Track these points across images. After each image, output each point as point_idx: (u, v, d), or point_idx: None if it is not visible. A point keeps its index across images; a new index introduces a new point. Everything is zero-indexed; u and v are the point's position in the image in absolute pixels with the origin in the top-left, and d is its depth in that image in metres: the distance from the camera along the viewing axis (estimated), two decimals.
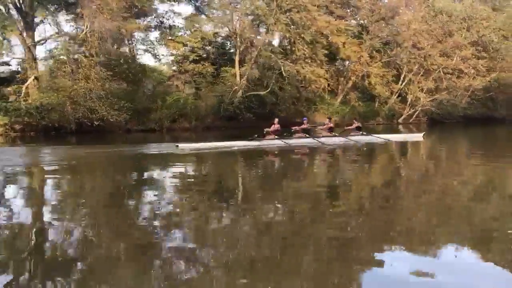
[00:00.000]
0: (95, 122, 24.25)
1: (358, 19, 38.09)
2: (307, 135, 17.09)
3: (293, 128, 17.50)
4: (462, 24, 39.80)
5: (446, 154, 15.44)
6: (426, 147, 17.52)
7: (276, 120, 17.25)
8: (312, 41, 31.02)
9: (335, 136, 17.54)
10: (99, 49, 26.06)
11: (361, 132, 18.00)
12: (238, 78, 31.15)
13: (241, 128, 29.22)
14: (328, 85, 36.72)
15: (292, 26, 29.09)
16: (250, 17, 30.13)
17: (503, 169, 10.75)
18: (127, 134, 27.14)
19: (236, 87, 30.82)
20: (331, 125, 18.11)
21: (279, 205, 6.73)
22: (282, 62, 29.25)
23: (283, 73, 29.20)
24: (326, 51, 33.32)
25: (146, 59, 34.02)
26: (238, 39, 30.48)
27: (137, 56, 33.65)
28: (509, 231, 5.14)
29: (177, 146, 14.91)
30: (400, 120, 40.46)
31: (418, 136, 19.83)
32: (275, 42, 32.99)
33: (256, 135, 16.49)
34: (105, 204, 7.25)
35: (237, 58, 30.94)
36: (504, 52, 41.03)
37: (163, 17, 33.87)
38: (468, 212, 6.34)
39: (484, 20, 42.16)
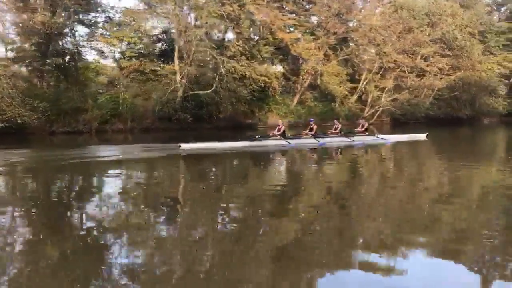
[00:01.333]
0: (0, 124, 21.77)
1: (311, 15, 35.78)
2: (315, 135, 17.49)
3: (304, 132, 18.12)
4: (424, 20, 37.93)
5: (403, 157, 15.35)
6: (388, 150, 17.09)
7: (281, 121, 17.81)
8: (251, 37, 28.79)
9: (339, 136, 18.19)
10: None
11: (367, 133, 18.91)
12: (178, 76, 28.88)
13: (182, 130, 27.29)
14: (284, 84, 34.69)
15: (226, 20, 26.83)
16: (186, 9, 27.78)
17: (469, 170, 10.97)
18: (51, 137, 24.95)
19: (176, 86, 28.58)
20: (339, 126, 19.01)
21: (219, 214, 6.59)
22: (220, 58, 26.97)
23: (221, 70, 26.92)
24: (272, 48, 31.04)
25: (92, 56, 31.04)
26: (176, 33, 28.21)
27: (83, 53, 30.95)
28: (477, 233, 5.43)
29: (180, 146, 15.04)
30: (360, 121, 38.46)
31: (421, 136, 20.03)
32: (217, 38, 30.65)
33: (258, 136, 17.08)
34: None
35: (176, 55, 28.62)
36: (469, 49, 39.22)
37: (108, 11, 31.31)
38: (431, 215, 6.34)
39: (449, 17, 40.45)
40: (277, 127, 17.58)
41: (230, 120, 31.52)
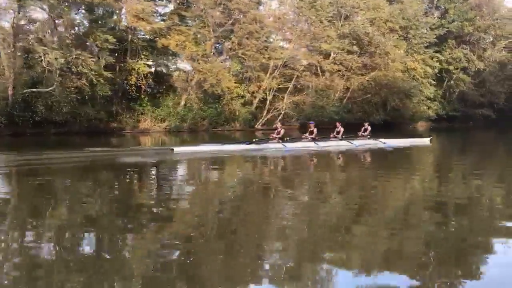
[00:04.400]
0: None
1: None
2: (314, 138, 16.96)
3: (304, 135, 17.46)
4: (329, 13, 33.60)
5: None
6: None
7: (279, 124, 17.12)
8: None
9: (340, 139, 17.52)
10: None
11: (368, 136, 18.23)
12: (7, 71, 23.91)
13: (18, 136, 22.71)
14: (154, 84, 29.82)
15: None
16: None
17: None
18: None
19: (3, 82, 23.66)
20: (341, 129, 18.00)
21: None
22: (44, 48, 22.07)
23: (43, 63, 22.00)
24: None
25: None
26: None
27: None
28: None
29: (172, 149, 14.48)
30: (258, 126, 33.93)
31: (425, 141, 19.43)
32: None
33: (256, 139, 16.74)
34: None
35: None
36: (383, 46, 34.91)
37: None
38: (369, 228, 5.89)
39: (371, 10, 36.30)
40: (276, 130, 16.76)
41: (87, 124, 26.76)
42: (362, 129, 18.81)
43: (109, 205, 7.64)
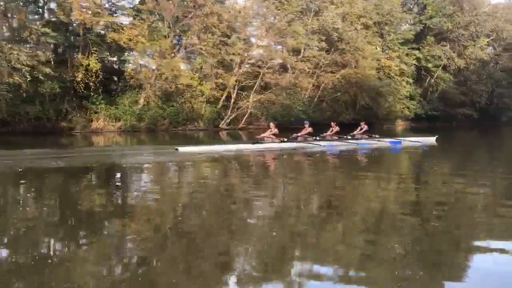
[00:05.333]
0: None
1: None
2: (316, 138, 16.70)
3: (295, 134, 17.16)
4: (296, 7, 32.09)
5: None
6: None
7: (272, 124, 16.82)
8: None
9: (339, 139, 17.07)
10: None
11: (373, 135, 17.76)
12: None
13: None
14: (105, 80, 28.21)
15: None
16: None
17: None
18: None
19: None
20: (336, 129, 17.87)
21: None
22: None
23: None
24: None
25: None
26: None
27: None
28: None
29: (177, 149, 14.05)
30: (223, 125, 32.44)
31: (431, 140, 18.21)
32: None
33: (261, 139, 16.34)
34: None
35: None
36: (353, 43, 33.43)
37: None
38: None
39: (336, 6, 34.82)
40: (269, 129, 16.62)
41: (30, 123, 25.35)
42: (358, 128, 18.30)
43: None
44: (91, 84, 26.20)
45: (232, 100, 31.85)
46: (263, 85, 32.02)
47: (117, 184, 9.69)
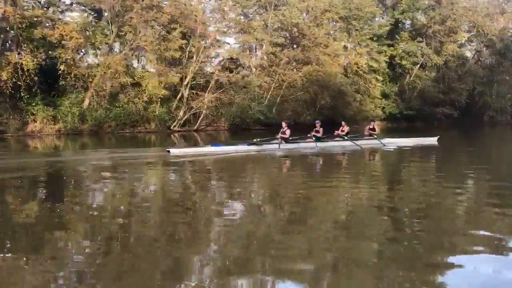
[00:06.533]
0: None
1: None
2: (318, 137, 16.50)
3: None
4: (251, 2, 30.15)
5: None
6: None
7: (284, 124, 16.29)
8: None
9: (342, 140, 16.94)
10: None
11: (374, 136, 17.60)
12: None
13: None
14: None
15: None
16: None
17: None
18: None
19: None
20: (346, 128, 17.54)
21: None
22: None
23: None
24: None
25: None
26: None
27: None
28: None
29: (168, 151, 13.85)
30: (176, 127, 30.52)
31: (432, 140, 18.01)
32: None
33: (257, 139, 16.09)
34: None
35: None
36: (314, 38, 31.38)
37: None
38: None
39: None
40: (281, 130, 16.09)
41: None
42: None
43: None
44: (20, 83, 24.26)
45: (184, 100, 29.95)
46: (218, 85, 30.11)
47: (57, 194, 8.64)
